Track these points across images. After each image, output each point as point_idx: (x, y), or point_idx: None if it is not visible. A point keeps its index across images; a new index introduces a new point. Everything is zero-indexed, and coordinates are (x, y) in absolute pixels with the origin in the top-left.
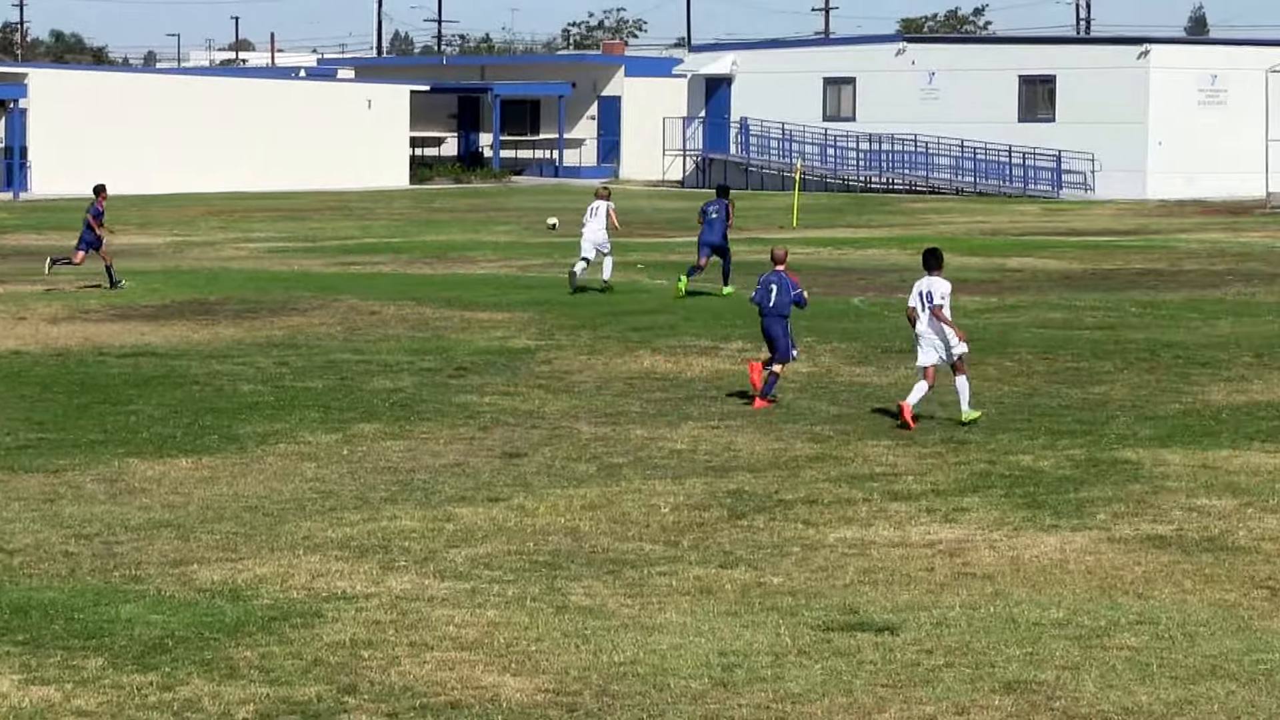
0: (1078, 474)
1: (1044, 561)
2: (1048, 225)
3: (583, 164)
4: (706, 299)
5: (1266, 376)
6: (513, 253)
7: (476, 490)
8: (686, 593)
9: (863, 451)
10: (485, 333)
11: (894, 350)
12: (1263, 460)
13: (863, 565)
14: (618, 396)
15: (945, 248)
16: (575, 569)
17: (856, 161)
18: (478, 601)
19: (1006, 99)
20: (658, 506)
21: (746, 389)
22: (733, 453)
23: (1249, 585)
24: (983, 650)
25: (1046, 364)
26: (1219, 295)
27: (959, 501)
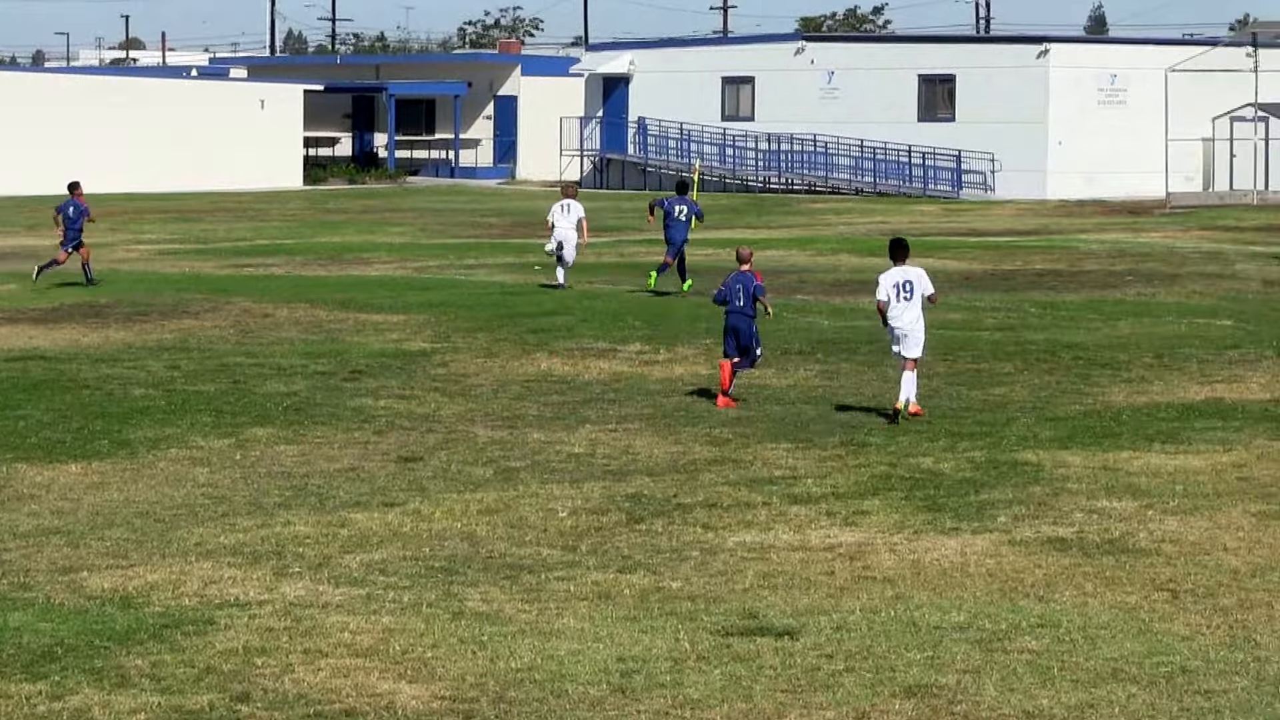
0: (978, 476)
1: (945, 565)
2: (948, 226)
3: (479, 164)
4: (604, 301)
5: (1167, 377)
6: (408, 254)
7: (372, 495)
8: (584, 598)
9: (762, 454)
10: (380, 335)
11: (793, 352)
12: (1163, 461)
13: (762, 569)
14: (515, 399)
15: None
16: (472, 574)
17: (755, 162)
18: (373, 608)
19: (906, 98)
20: (555, 511)
21: (714, 388)
22: (631, 456)
23: (1150, 588)
24: (883, 654)
25: (947, 365)
26: (1119, 296)
27: (859, 504)
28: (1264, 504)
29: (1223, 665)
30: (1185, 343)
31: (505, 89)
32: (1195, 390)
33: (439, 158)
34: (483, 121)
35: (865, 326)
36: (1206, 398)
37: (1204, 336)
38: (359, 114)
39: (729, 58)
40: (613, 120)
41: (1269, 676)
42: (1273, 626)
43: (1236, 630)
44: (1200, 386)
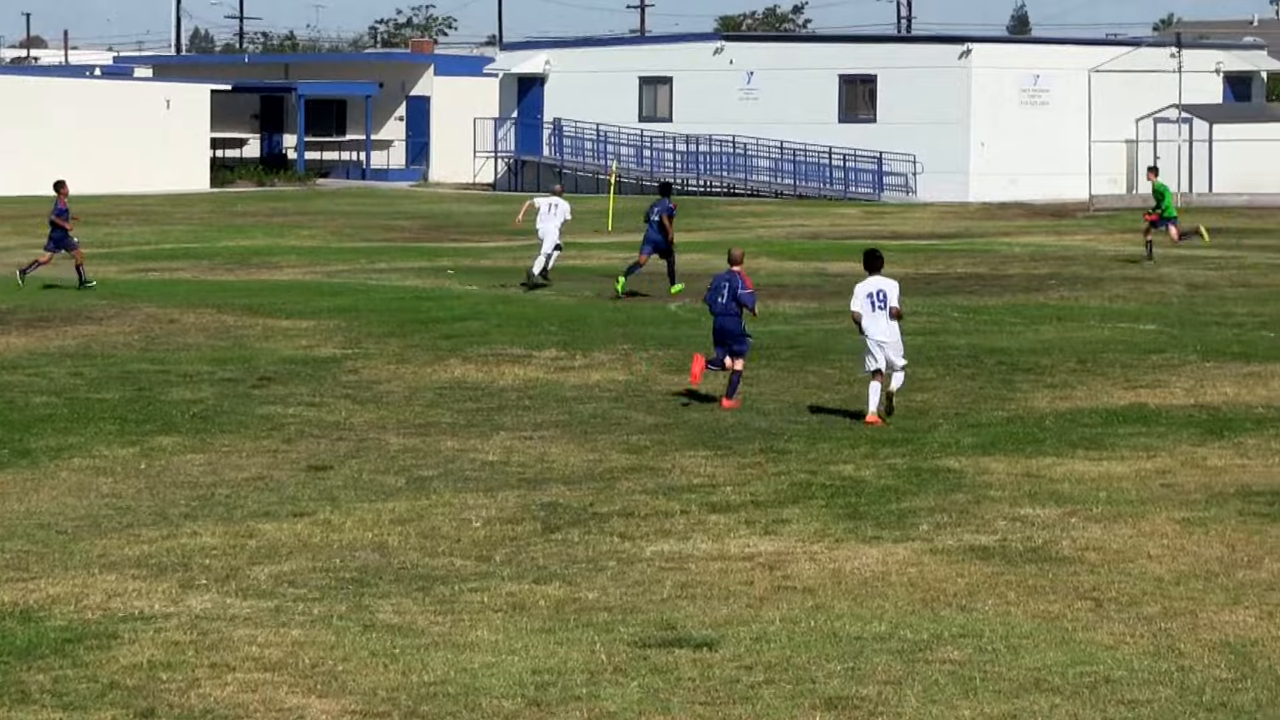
0: (900, 484)
1: (866, 574)
2: (869, 229)
3: (390, 166)
4: (518, 305)
5: (1090, 382)
6: (318, 258)
7: (280, 505)
8: (499, 609)
9: (680, 462)
10: (289, 341)
11: None
12: (1086, 468)
13: (680, 579)
14: (427, 407)
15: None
16: (383, 586)
17: (673, 163)
18: (282, 620)
19: (826, 99)
20: (469, 520)
21: (689, 386)
22: (546, 464)
23: (1072, 596)
24: (803, 666)
25: None
26: (1042, 300)
27: (779, 513)
28: (1188, 511)
29: (1146, 675)
30: (1109, 347)
31: (418, 89)
32: (1119, 395)
33: (350, 159)
34: (394, 123)
35: (784, 331)
36: (1130, 403)
37: (1128, 341)
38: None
39: (646, 57)
40: (528, 121)
41: (1193, 686)
42: (1197, 635)
43: (1160, 639)
44: (1124, 392)
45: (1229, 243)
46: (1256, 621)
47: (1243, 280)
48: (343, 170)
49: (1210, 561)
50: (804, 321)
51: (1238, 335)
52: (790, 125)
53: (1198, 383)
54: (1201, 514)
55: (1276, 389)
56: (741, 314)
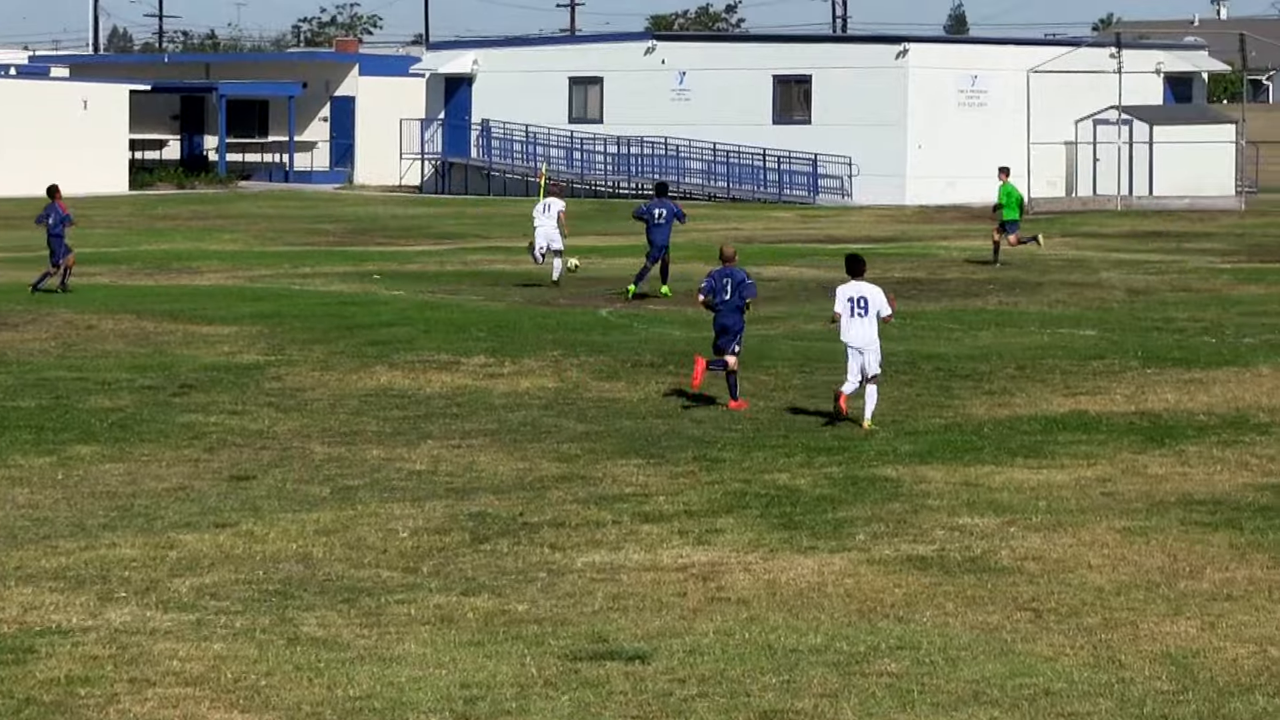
0: (836, 493)
1: (801, 585)
2: (804, 232)
3: (314, 168)
4: (446, 311)
5: (1029, 389)
6: (240, 262)
7: (202, 515)
8: (426, 622)
9: (612, 471)
10: (211, 347)
11: (644, 364)
12: (1026, 476)
13: (612, 591)
14: (353, 414)
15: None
16: (308, 598)
17: (604, 166)
18: (203, 634)
19: (760, 100)
20: (395, 531)
21: (688, 388)
22: (475, 473)
23: (1011, 607)
24: (738, 679)
25: (804, 378)
26: (981, 305)
27: (713, 523)
28: (1129, 520)
29: (1086, 687)
30: (1048, 353)
31: (342, 89)
32: (1059, 402)
33: (272, 161)
34: (318, 123)
35: None
36: (1070, 410)
37: (1067, 347)
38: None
39: (576, 57)
40: (455, 122)
41: (1133, 698)
42: (1137, 646)
43: (1100, 651)
44: (1064, 398)
45: (1169, 247)
46: (1198, 632)
47: (1184, 285)
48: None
49: (1151, 571)
50: None
51: (1179, 341)
52: (723, 126)
53: (1139, 389)
54: (1143, 523)
55: (1218, 395)
56: (744, 310)
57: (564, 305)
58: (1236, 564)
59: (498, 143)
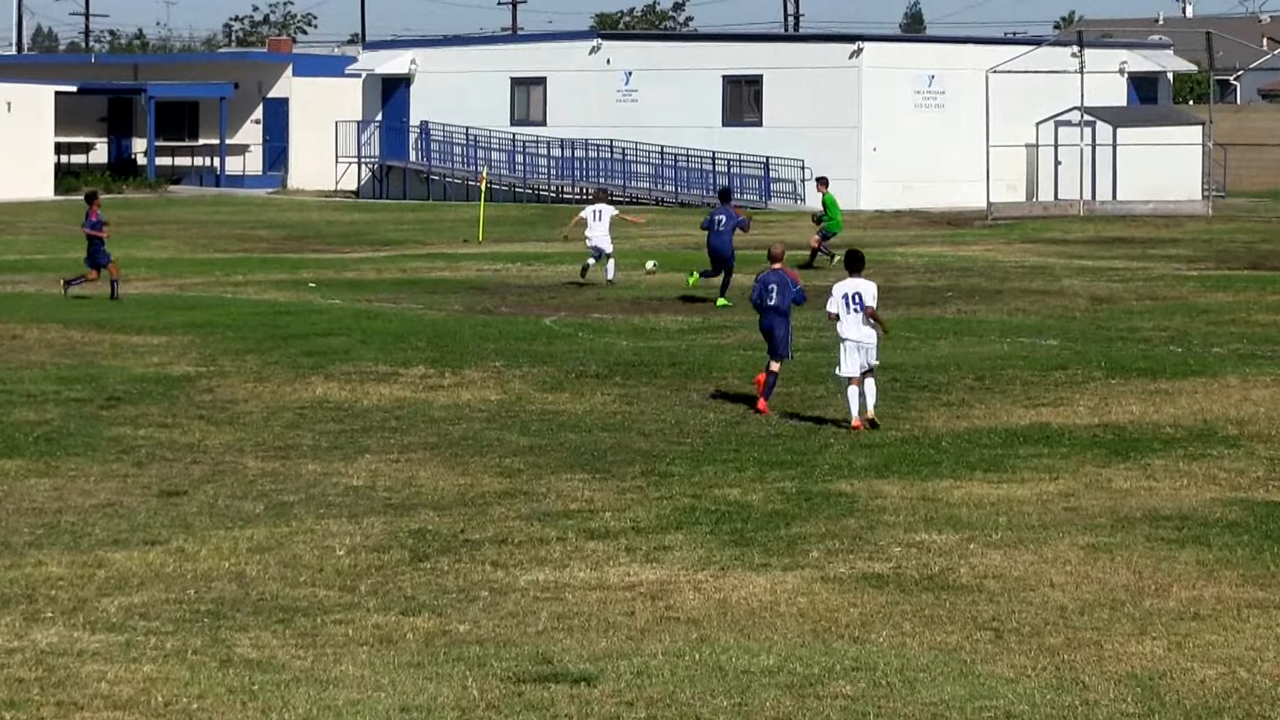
0: (789, 508)
1: (753, 604)
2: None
3: (247, 172)
4: (384, 320)
5: (989, 401)
6: (171, 270)
7: (131, 532)
8: (365, 642)
9: (556, 486)
10: (140, 358)
11: (590, 374)
12: (986, 491)
13: (557, 610)
14: (288, 428)
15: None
16: (242, 618)
17: (548, 169)
18: (133, 655)
19: (710, 101)
20: (332, 548)
21: (751, 392)
22: (415, 489)
23: (971, 627)
24: (688, 701)
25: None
26: (939, 313)
27: (661, 539)
28: (1093, 536)
29: (1049, 709)
30: (1009, 364)
31: (275, 91)
32: (1020, 414)
33: (204, 165)
34: (251, 126)
35: (667, 347)
36: (1031, 422)
37: (1029, 357)
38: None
39: (518, 57)
40: (393, 124)
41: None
42: (1102, 667)
43: (1064, 671)
44: (1025, 410)
45: (1134, 253)
46: (1165, 652)
47: (1149, 293)
48: (196, 176)
49: (1116, 589)
50: (687, 337)
51: (1144, 350)
52: (672, 129)
53: (1102, 401)
54: (1107, 539)
55: (1185, 407)
56: (789, 313)
57: (506, 314)
58: (1204, 582)
59: (437, 146)
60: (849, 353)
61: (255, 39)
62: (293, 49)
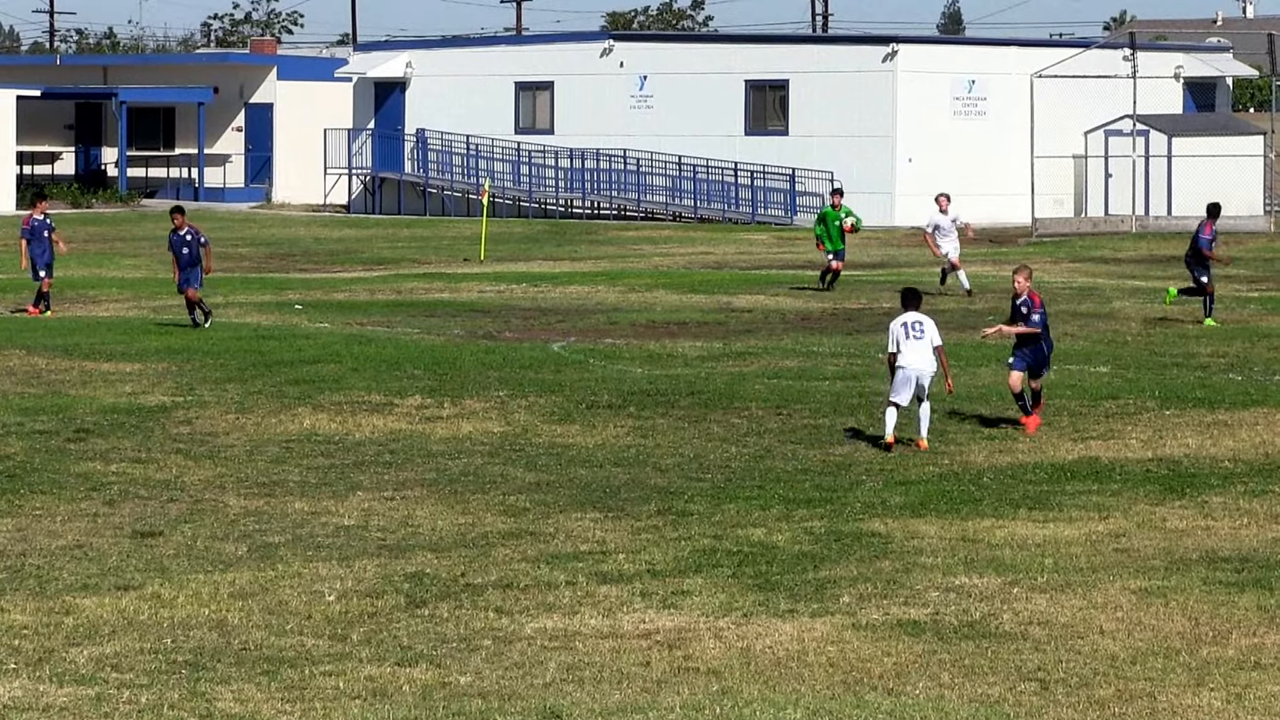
0: (818, 549)
1: (779, 653)
2: (781, 257)
3: (228, 184)
4: (377, 346)
5: (1035, 433)
6: (144, 291)
7: (102, 576)
8: (357, 696)
9: (565, 526)
10: (111, 387)
11: (601, 405)
12: (1030, 531)
13: (566, 660)
14: (273, 463)
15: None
16: (223, 669)
17: (556, 182)
18: (104, 710)
19: (732, 108)
20: (322, 594)
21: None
22: (411, 528)
23: (1015, 678)
24: None
25: (781, 420)
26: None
27: (679, 583)
28: (1145, 579)
29: None
30: (1056, 392)
31: (259, 96)
32: (1067, 448)
33: (180, 177)
34: (232, 134)
35: (684, 375)
36: (1080, 456)
37: (1077, 385)
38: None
39: (524, 60)
40: (386, 133)
41: None
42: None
43: None
44: (1073, 443)
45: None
46: (1223, 705)
47: None
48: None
49: (1171, 637)
50: (707, 364)
51: (1201, 379)
52: (690, 138)
53: (1156, 433)
54: (1161, 583)
55: (1245, 439)
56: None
57: (510, 339)
58: (1265, 628)
59: (435, 156)
60: (906, 382)
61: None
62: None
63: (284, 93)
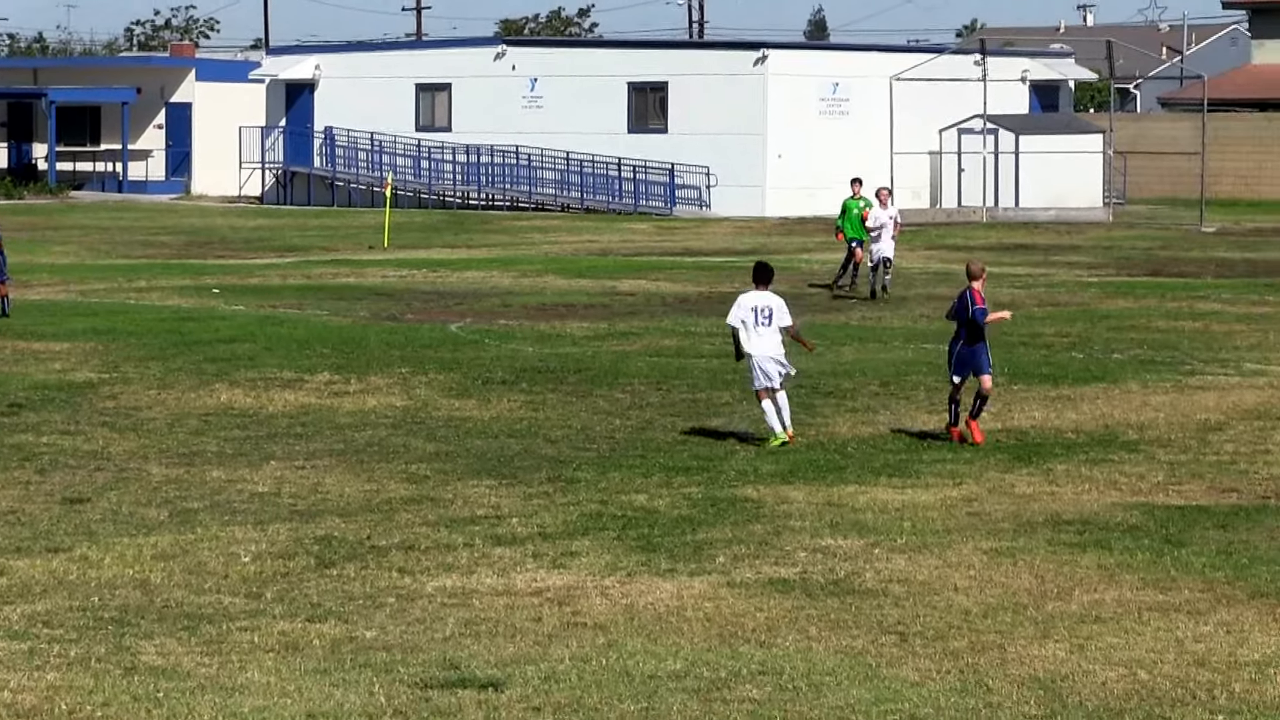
0: (695, 514)
1: (660, 609)
2: (661, 244)
3: (150, 178)
4: (289, 327)
5: (894, 406)
6: (73, 276)
7: (34, 540)
8: (271, 649)
9: (463, 492)
10: (42, 365)
11: (495, 381)
12: (890, 496)
13: (464, 616)
14: (192, 434)
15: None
16: (146, 625)
17: (453, 175)
18: (36, 663)
19: (615, 108)
20: (238, 555)
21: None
22: (320, 495)
23: (877, 631)
24: (595, 706)
25: (661, 395)
26: (844, 320)
27: (568, 545)
28: (996, 540)
29: (954, 712)
30: (913, 369)
31: (178, 95)
32: (924, 420)
33: (106, 170)
34: (154, 131)
35: (572, 353)
36: (936, 426)
37: (933, 363)
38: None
39: (423, 63)
40: (297, 130)
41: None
42: (1005, 670)
43: (968, 675)
44: (929, 416)
45: (1036, 260)
46: (1067, 655)
47: (1051, 299)
48: (98, 182)
49: (1019, 593)
50: (593, 344)
51: (1046, 357)
52: (577, 135)
53: (1005, 406)
54: (1010, 544)
55: (1086, 413)
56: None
57: (412, 320)
58: (1105, 585)
59: (342, 151)
60: (760, 367)
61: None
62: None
63: (202, 93)
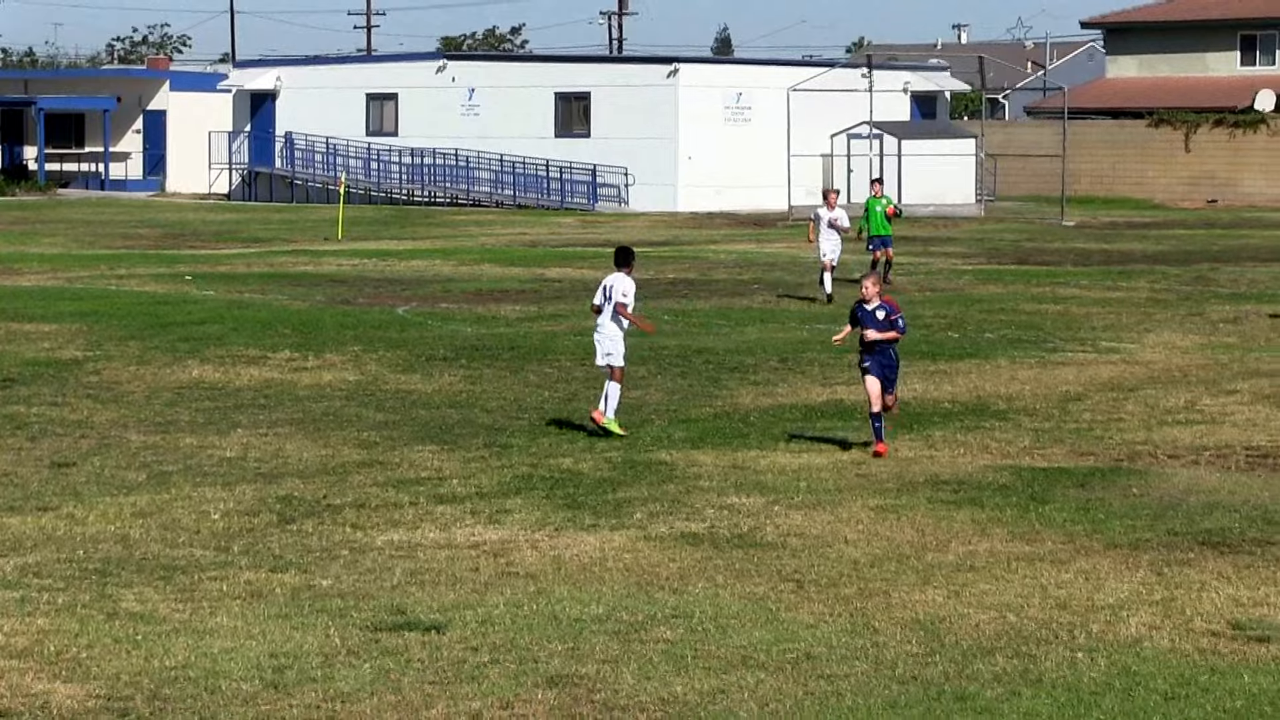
0: (616, 475)
1: (584, 560)
2: (585, 236)
3: (129, 177)
4: (254, 310)
5: (791, 380)
6: (60, 264)
7: (25, 500)
8: (238, 596)
9: (409, 457)
10: (32, 344)
11: (437, 358)
12: (788, 460)
13: (410, 567)
14: (167, 406)
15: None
16: (126, 576)
17: (400, 175)
18: (27, 610)
19: (543, 115)
20: (208, 513)
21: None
22: (282, 459)
23: (776, 579)
24: (526, 647)
25: (585, 370)
26: (747, 303)
27: (503, 504)
28: (881, 499)
29: (844, 651)
30: (808, 347)
31: (154, 104)
32: (817, 392)
33: (89, 170)
34: (132, 135)
35: (506, 334)
36: (828, 399)
37: (825, 342)
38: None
39: (373, 75)
40: (260, 135)
41: (886, 660)
42: (890, 614)
43: (857, 618)
44: (822, 389)
45: (916, 250)
46: (945, 600)
47: (929, 285)
48: (83, 181)
49: (902, 545)
50: (524, 324)
51: (925, 336)
52: (510, 139)
53: None
54: (894, 501)
55: (961, 385)
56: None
57: (363, 305)
58: (978, 538)
59: (300, 154)
60: (600, 345)
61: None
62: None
63: (175, 101)
